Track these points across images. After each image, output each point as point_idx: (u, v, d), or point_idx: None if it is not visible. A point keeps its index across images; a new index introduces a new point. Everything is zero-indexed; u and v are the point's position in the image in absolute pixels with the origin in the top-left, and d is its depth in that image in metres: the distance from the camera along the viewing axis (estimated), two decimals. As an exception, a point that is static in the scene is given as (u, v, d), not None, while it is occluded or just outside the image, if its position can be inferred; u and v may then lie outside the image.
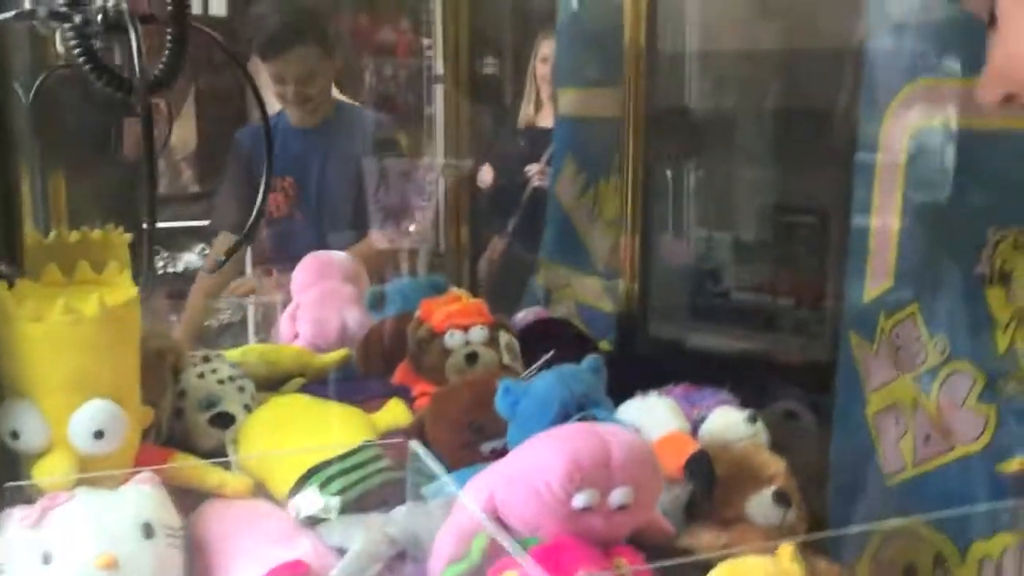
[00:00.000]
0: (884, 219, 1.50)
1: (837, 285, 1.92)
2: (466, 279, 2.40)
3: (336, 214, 2.69)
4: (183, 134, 4.28)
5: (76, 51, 1.08)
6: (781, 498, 1.26)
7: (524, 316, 1.99)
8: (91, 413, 1.16)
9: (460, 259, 2.45)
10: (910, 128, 1.47)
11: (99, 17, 1.08)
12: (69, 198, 2.30)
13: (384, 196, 2.79)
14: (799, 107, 2.02)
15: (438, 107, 5.20)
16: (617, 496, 0.98)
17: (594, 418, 1.21)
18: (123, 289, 1.21)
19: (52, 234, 1.52)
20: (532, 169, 2.98)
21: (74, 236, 1.47)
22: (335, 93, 3.46)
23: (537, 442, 1.04)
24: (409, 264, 3.16)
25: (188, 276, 3.19)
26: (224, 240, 2.76)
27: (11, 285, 1.20)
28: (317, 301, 2.06)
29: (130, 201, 2.91)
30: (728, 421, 1.37)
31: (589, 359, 1.34)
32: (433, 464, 1.17)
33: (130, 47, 1.37)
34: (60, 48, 1.30)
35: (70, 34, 1.07)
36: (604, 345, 1.94)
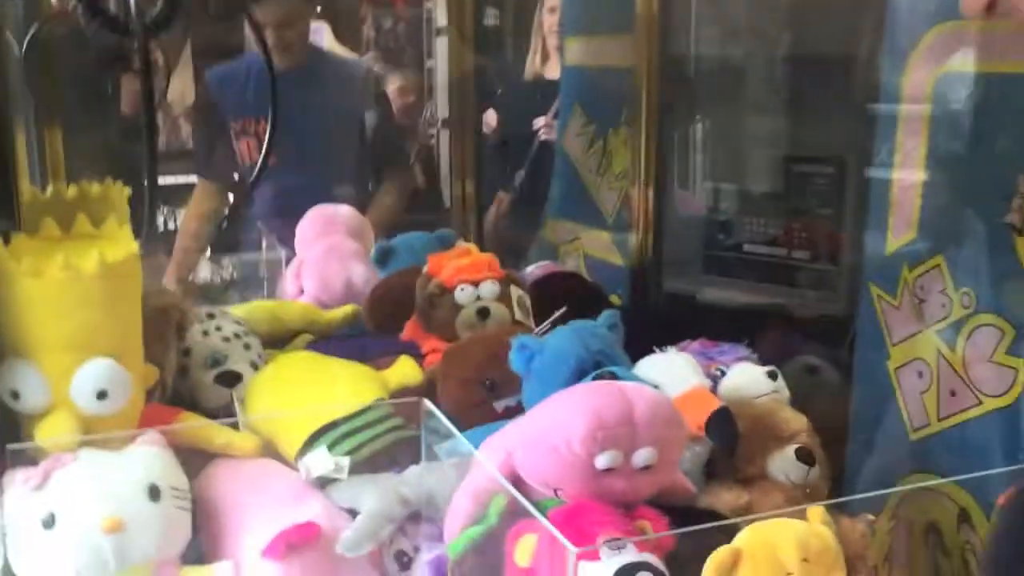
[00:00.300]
0: (907, 169, 1.45)
1: (854, 237, 1.87)
2: (473, 233, 2.35)
3: (313, 161, 2.62)
4: (180, 88, 4.20)
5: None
6: (804, 456, 1.23)
7: (533, 270, 1.94)
8: (93, 372, 1.12)
9: (466, 213, 2.40)
10: (934, 74, 1.41)
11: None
12: (66, 153, 2.25)
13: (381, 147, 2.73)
14: (813, 54, 1.95)
15: (439, 59, 5.10)
16: (641, 456, 0.94)
17: (612, 375, 1.17)
18: (123, 244, 1.17)
19: (49, 189, 1.46)
20: (539, 122, 2.91)
21: (71, 190, 1.42)
22: (328, 42, 3.39)
23: (557, 400, 1.00)
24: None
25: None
26: (203, 187, 2.70)
27: (7, 240, 1.16)
28: (322, 256, 2.01)
29: (128, 156, 2.86)
30: (748, 377, 1.34)
31: (605, 314, 1.30)
32: (448, 423, 1.13)
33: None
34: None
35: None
36: (615, 299, 1.91)
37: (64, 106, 2.27)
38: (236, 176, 2.72)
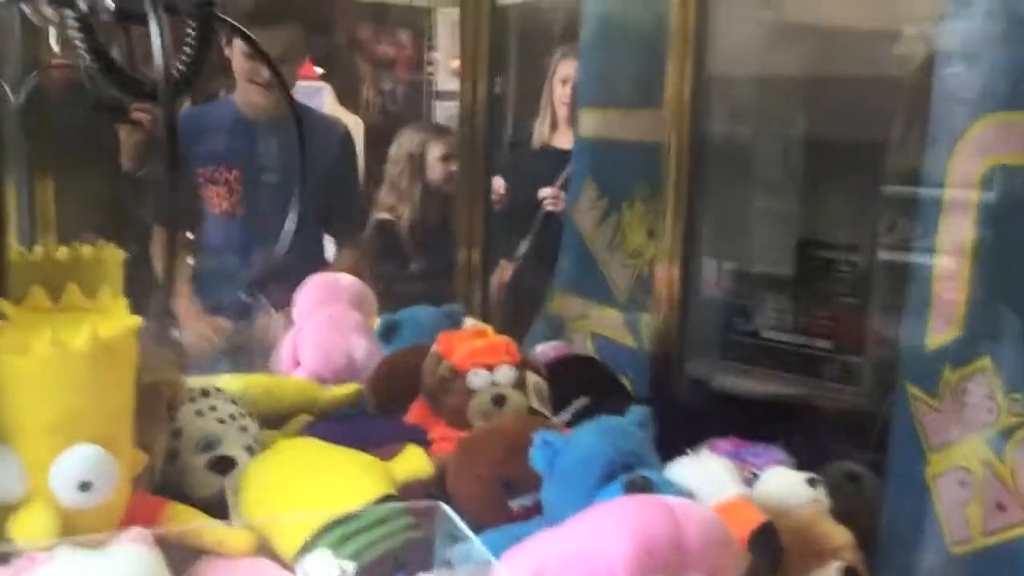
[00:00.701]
0: (951, 261, 1.38)
1: (882, 328, 1.80)
2: (477, 306, 2.26)
3: (278, 215, 2.52)
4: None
5: (82, 45, 0.93)
6: (849, 574, 1.13)
7: (543, 351, 1.85)
8: (76, 461, 1.02)
9: (471, 284, 2.31)
10: (984, 165, 1.35)
11: (110, 4, 0.93)
12: (57, 207, 2.16)
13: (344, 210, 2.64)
14: (837, 137, 1.90)
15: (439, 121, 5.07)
16: (691, 584, 0.84)
17: (645, 481, 1.07)
18: (118, 318, 1.07)
19: (38, 249, 1.37)
20: (545, 193, 2.85)
21: (62, 252, 1.33)
22: (330, 104, 3.32)
23: (597, 515, 0.90)
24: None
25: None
26: (160, 237, 2.59)
27: (-8, 308, 1.06)
28: (322, 327, 1.92)
29: (122, 213, 2.76)
30: (785, 483, 1.24)
31: (635, 411, 1.20)
32: (469, 533, 1.03)
33: (127, 43, 1.24)
34: (55, 44, 1.15)
35: (75, 25, 0.93)
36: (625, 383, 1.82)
37: (57, 158, 2.19)
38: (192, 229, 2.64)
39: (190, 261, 2.60)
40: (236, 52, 2.44)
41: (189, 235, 2.65)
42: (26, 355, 0.99)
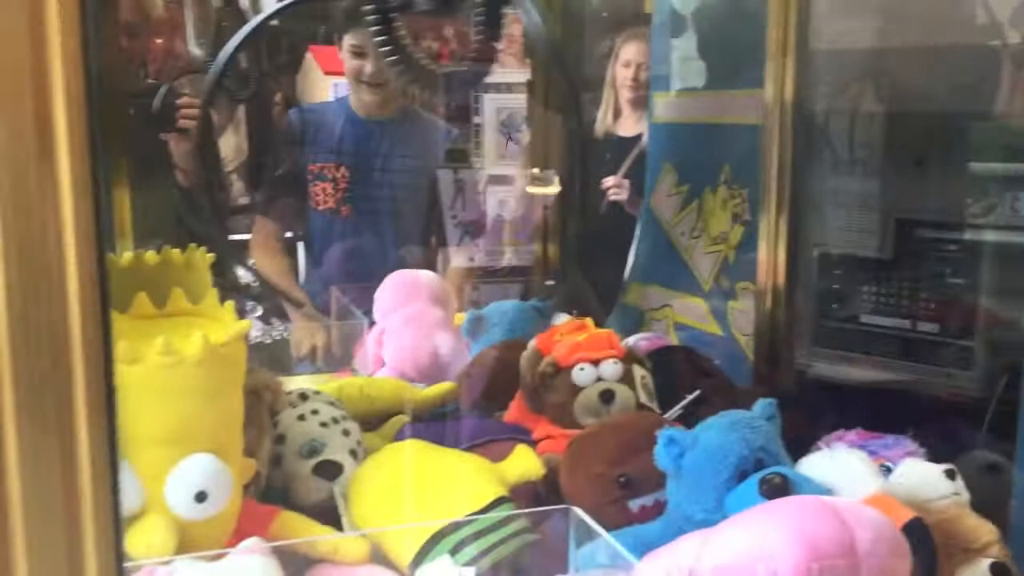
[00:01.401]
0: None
1: (995, 309, 1.71)
2: (555, 300, 2.20)
3: (390, 217, 2.50)
4: (235, 144, 4.13)
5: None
6: (1001, 571, 1.06)
7: (636, 342, 1.79)
8: (192, 471, 0.98)
9: (548, 278, 2.26)
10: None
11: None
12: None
13: (462, 210, 2.60)
14: (943, 111, 1.80)
15: (486, 116, 5.03)
16: (861, 592, 0.78)
17: (782, 478, 1.01)
18: (227, 323, 1.03)
19: (127, 255, 1.34)
20: (608, 182, 2.77)
21: (151, 257, 1.29)
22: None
23: (756, 518, 0.84)
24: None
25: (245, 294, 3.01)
26: (264, 229, 2.57)
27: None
28: (404, 326, 1.88)
29: (183, 224, 2.76)
30: (922, 476, 1.17)
31: (762, 403, 1.14)
32: (604, 533, 0.97)
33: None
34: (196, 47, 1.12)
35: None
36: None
37: (128, 167, 2.19)
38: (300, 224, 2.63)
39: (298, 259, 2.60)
40: (345, 50, 2.42)
41: (289, 234, 2.64)
42: (138, 364, 0.95)
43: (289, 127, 2.57)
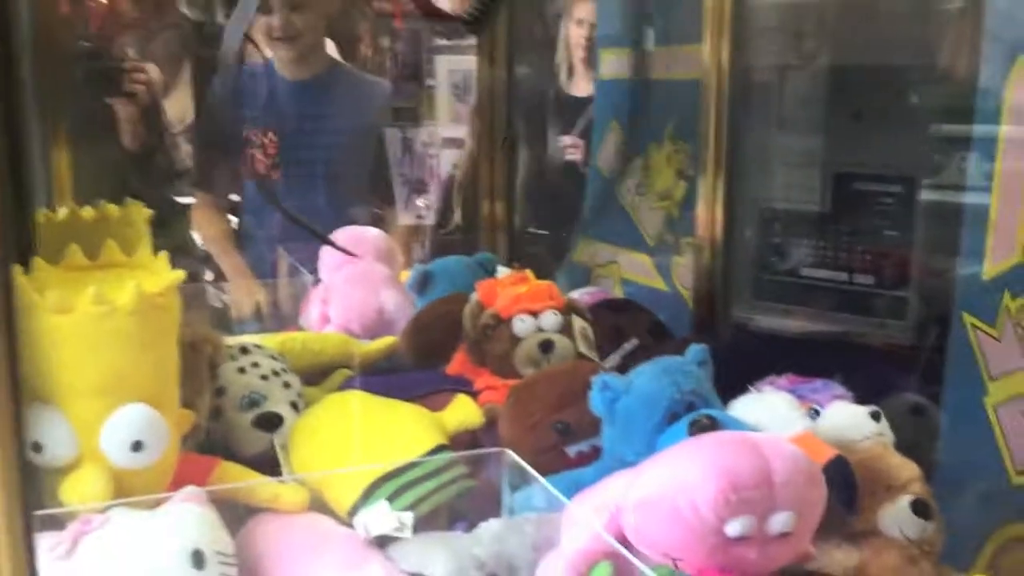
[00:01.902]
0: (1009, 189, 1.33)
1: (928, 262, 1.75)
2: (504, 258, 2.21)
3: (324, 179, 2.48)
4: (180, 107, 4.07)
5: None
6: (921, 508, 1.10)
7: (580, 296, 1.81)
8: (127, 420, 0.99)
9: (496, 234, 2.27)
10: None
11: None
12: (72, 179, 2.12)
13: (410, 169, 2.60)
14: (878, 65, 1.83)
15: (439, 77, 5.00)
16: (778, 522, 0.81)
17: (711, 419, 1.04)
18: (160, 273, 1.03)
19: (63, 210, 1.33)
20: (564, 141, 2.78)
21: (88, 212, 1.28)
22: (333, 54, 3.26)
23: (679, 454, 0.87)
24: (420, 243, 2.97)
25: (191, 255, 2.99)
26: (204, 204, 2.56)
27: (25, 267, 1.02)
28: (350, 282, 1.88)
29: (128, 186, 2.73)
30: (848, 417, 1.21)
31: (694, 349, 1.17)
32: (539, 477, 0.99)
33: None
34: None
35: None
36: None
37: (69, 127, 2.15)
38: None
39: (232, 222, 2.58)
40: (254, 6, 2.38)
41: (235, 197, 2.62)
42: (71, 314, 0.95)
43: (213, 94, 2.53)
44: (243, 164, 2.49)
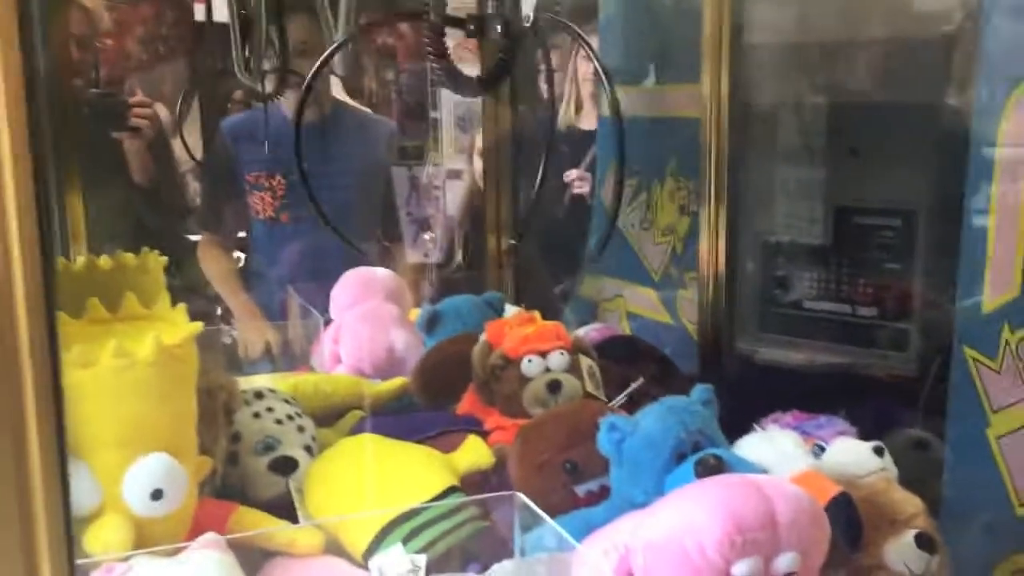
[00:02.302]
0: (1008, 221, 1.36)
1: (929, 294, 1.78)
2: (511, 294, 2.24)
3: (332, 220, 2.51)
4: (189, 145, 4.13)
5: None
6: (925, 542, 1.12)
7: (587, 333, 1.84)
8: (148, 470, 1.01)
9: (503, 271, 2.30)
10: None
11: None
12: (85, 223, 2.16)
13: (416, 207, 2.63)
14: (875, 101, 1.87)
15: (444, 111, 5.06)
16: (783, 563, 0.84)
17: (717, 459, 1.06)
18: (179, 325, 1.06)
19: (80, 260, 1.36)
20: (571, 175, 2.81)
21: (105, 261, 1.32)
22: (339, 96, 3.31)
23: (686, 496, 0.89)
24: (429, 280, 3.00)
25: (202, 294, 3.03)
26: (210, 245, 2.61)
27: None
28: (360, 322, 1.91)
29: (140, 224, 2.77)
30: (852, 453, 1.23)
31: (699, 390, 1.19)
32: (548, 519, 1.02)
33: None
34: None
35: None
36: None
37: (81, 172, 2.20)
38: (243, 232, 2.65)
39: (239, 261, 2.62)
40: None
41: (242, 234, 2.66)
42: (93, 367, 0.98)
43: (220, 139, 2.58)
44: (251, 204, 2.53)
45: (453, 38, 1.97)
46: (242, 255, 2.77)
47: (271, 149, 2.47)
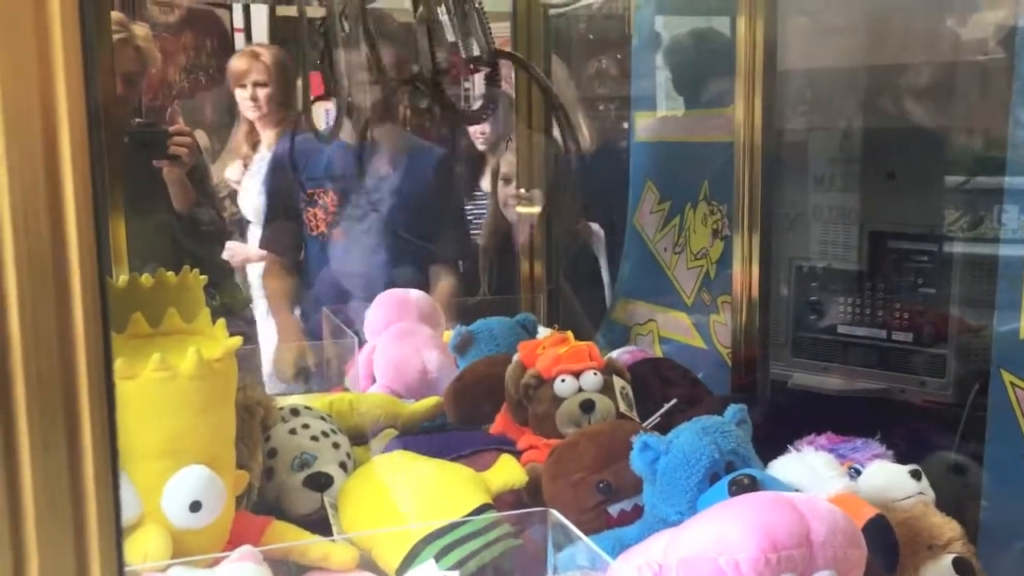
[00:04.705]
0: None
1: (966, 318, 1.76)
2: (543, 317, 2.25)
3: (381, 237, 2.56)
4: (227, 170, 4.19)
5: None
6: (963, 568, 1.11)
7: (619, 356, 1.83)
8: (187, 482, 1.03)
9: (535, 295, 2.31)
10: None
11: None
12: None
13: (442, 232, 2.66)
14: (908, 127, 1.87)
15: (476, 135, 5.10)
16: (818, 581, 0.83)
17: (751, 479, 1.06)
18: (219, 339, 1.08)
19: (123, 278, 1.39)
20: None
21: (147, 279, 1.34)
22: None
23: (720, 514, 0.89)
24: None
25: (239, 316, 3.07)
26: (271, 263, 2.67)
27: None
28: (394, 343, 1.93)
29: (181, 249, 2.82)
30: (888, 477, 1.22)
31: (732, 409, 1.19)
32: (581, 535, 1.02)
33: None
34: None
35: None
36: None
37: (123, 197, 2.25)
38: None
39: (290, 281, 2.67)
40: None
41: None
42: (135, 379, 1.00)
43: (280, 157, 2.63)
44: (306, 222, 2.60)
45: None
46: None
47: (326, 167, 2.54)
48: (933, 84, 1.76)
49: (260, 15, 4.28)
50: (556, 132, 2.57)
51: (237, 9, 4.33)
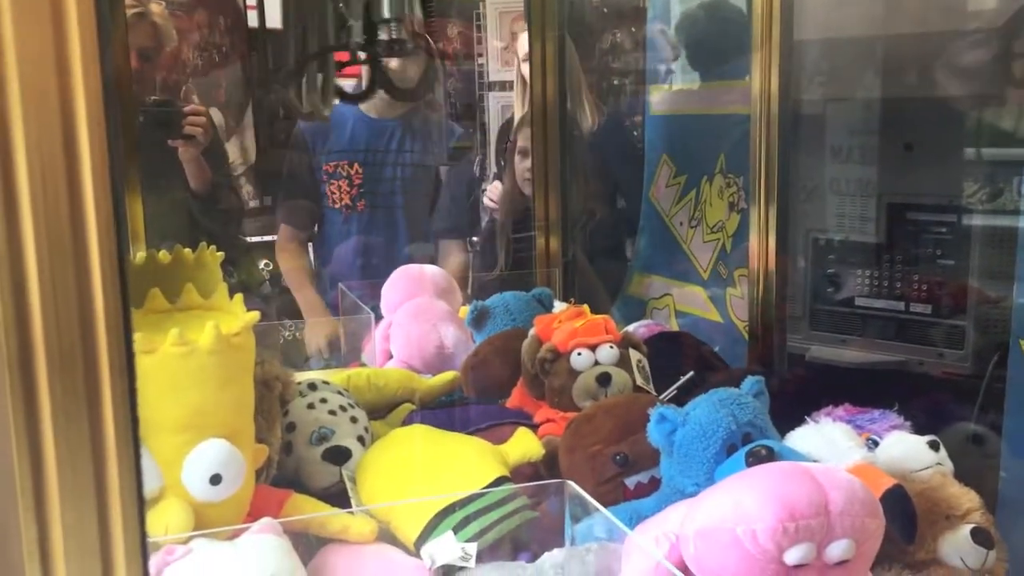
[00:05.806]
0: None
1: (985, 289, 1.75)
2: (559, 292, 2.25)
3: (403, 211, 2.59)
4: (242, 148, 4.20)
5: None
6: (982, 537, 1.11)
7: (636, 329, 1.84)
8: (207, 455, 1.04)
9: (550, 268, 2.31)
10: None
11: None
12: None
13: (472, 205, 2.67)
14: (928, 97, 1.84)
15: (490, 114, 5.09)
16: (836, 550, 0.83)
17: (768, 450, 1.06)
18: (237, 314, 1.09)
19: (140, 255, 1.40)
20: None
21: (164, 256, 1.35)
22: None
23: (738, 484, 0.89)
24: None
25: (256, 294, 3.09)
26: (287, 236, 2.69)
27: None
28: (410, 318, 1.93)
29: (197, 226, 2.84)
30: (906, 447, 1.21)
31: (750, 381, 1.19)
32: (600, 507, 1.02)
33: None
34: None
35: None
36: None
37: (139, 175, 2.25)
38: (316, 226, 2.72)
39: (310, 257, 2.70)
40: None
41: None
42: (154, 354, 1.01)
43: (300, 134, 2.65)
44: (327, 194, 2.61)
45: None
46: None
47: (349, 140, 2.56)
48: (951, 54, 1.74)
49: (273, -8, 4.27)
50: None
51: (250, -14, 4.32)
